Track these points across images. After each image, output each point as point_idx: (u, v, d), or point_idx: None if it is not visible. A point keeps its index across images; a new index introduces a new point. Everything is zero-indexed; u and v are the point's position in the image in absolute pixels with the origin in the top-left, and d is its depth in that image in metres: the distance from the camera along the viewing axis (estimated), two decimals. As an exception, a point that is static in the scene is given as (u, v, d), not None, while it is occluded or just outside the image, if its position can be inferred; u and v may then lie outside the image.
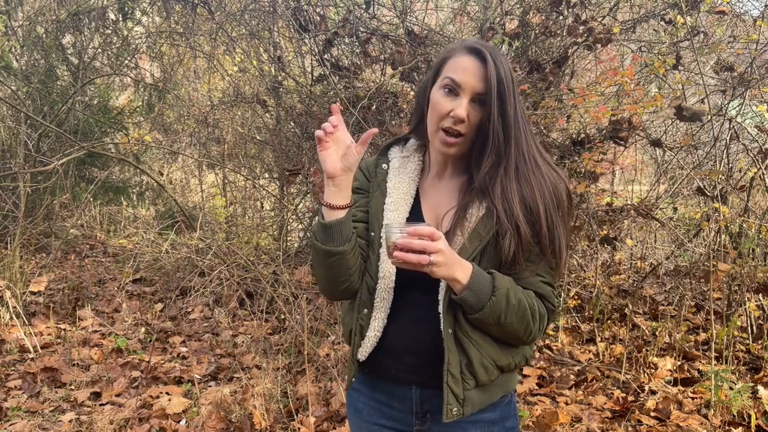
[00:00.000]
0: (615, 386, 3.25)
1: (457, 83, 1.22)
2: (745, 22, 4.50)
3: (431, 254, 1.09)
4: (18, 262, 4.52)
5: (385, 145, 1.42)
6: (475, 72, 1.22)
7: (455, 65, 1.24)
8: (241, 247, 4.72)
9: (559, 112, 3.76)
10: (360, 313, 1.31)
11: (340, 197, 1.21)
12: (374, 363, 1.33)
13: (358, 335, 1.32)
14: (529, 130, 1.27)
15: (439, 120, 1.24)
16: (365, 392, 1.40)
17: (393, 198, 1.32)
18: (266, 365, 3.41)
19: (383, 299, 1.29)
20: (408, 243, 1.09)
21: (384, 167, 1.37)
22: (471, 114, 1.23)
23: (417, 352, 1.29)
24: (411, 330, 1.29)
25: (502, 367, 1.27)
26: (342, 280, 1.28)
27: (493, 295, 1.17)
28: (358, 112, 3.70)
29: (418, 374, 1.30)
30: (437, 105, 1.25)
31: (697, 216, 3.96)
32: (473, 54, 1.23)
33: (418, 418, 1.33)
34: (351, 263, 1.26)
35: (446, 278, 1.16)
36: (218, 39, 5.23)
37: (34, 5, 6.43)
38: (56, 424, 2.90)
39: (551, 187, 1.24)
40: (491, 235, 1.22)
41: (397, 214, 1.31)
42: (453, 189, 1.32)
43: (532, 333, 1.25)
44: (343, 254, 1.23)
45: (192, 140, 6.67)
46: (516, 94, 1.24)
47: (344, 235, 1.23)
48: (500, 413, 1.33)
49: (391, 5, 4.43)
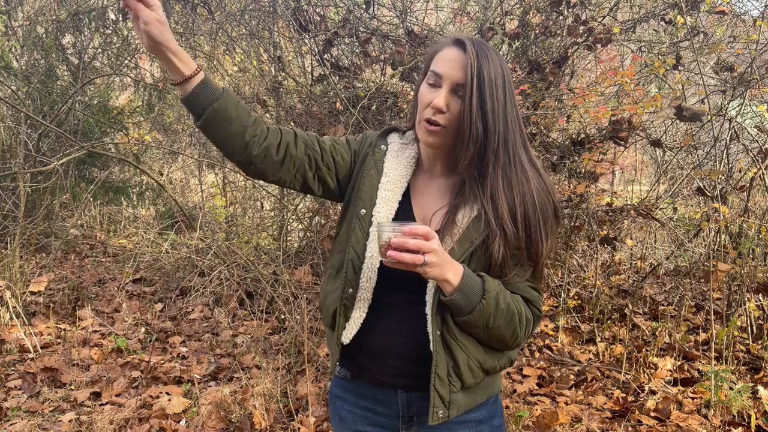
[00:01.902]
0: (615, 386, 3.25)
1: (438, 74, 1.22)
2: (745, 22, 4.50)
3: (426, 254, 1.08)
4: (18, 262, 4.52)
5: (385, 128, 1.41)
6: (456, 62, 1.21)
7: (439, 58, 1.24)
8: (241, 247, 4.72)
9: (559, 112, 3.76)
10: (345, 293, 1.28)
11: (175, 70, 1.13)
12: (358, 367, 1.32)
13: (343, 316, 1.29)
14: (522, 132, 1.25)
15: (422, 111, 1.24)
16: (349, 399, 1.37)
17: (389, 178, 1.31)
18: (266, 365, 3.41)
19: (369, 279, 1.27)
20: (403, 242, 1.07)
21: (383, 148, 1.36)
22: (451, 105, 1.21)
23: (402, 354, 1.27)
24: (395, 331, 1.27)
25: (488, 370, 1.27)
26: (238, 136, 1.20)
27: (483, 298, 1.16)
28: (358, 112, 3.70)
29: (403, 377, 1.28)
30: (421, 98, 1.25)
31: (697, 216, 3.96)
32: (456, 45, 1.23)
33: (404, 422, 1.32)
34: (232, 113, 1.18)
35: (438, 279, 1.14)
36: (218, 39, 5.23)
37: (34, 5, 6.43)
38: (56, 424, 2.90)
39: (534, 191, 1.22)
40: (481, 238, 1.21)
41: (391, 194, 1.29)
42: (445, 188, 1.31)
43: (518, 338, 1.24)
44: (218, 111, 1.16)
45: (192, 140, 6.67)
46: (506, 91, 1.22)
47: (213, 95, 1.16)
48: (487, 412, 1.33)
49: (391, 5, 4.43)
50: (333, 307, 1.32)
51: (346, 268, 1.29)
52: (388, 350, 1.28)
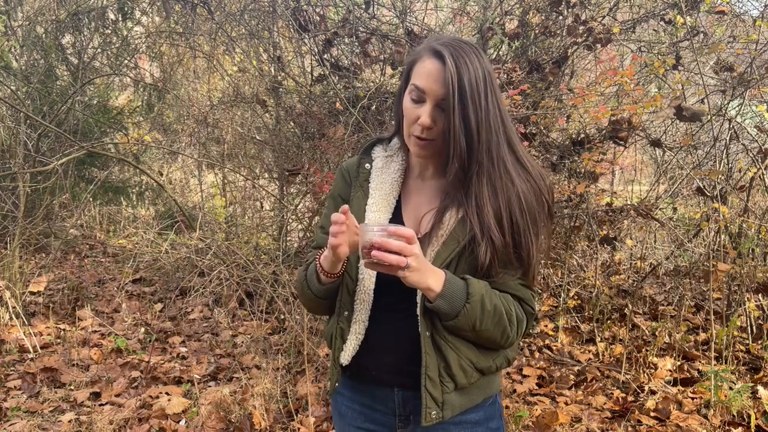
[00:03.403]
0: (615, 386, 3.25)
1: (421, 89, 1.20)
2: (745, 22, 4.51)
3: (407, 257, 1.08)
4: (17, 263, 4.51)
5: (368, 143, 1.40)
6: (437, 77, 1.18)
7: (420, 70, 1.21)
8: (241, 247, 4.71)
9: (558, 112, 3.76)
10: (340, 317, 1.30)
11: (338, 266, 1.25)
12: (356, 366, 1.32)
13: (339, 339, 1.31)
14: (506, 129, 1.23)
15: (409, 127, 1.24)
16: (348, 396, 1.39)
17: (374, 199, 1.31)
18: (266, 365, 3.41)
19: (363, 301, 1.28)
20: (386, 243, 1.07)
21: (367, 167, 1.35)
22: (437, 119, 1.20)
23: (397, 353, 1.28)
24: (390, 331, 1.28)
25: (482, 370, 1.27)
26: (328, 309, 1.36)
27: (467, 303, 1.16)
28: (357, 112, 3.70)
29: (399, 375, 1.29)
30: (407, 112, 1.24)
31: (697, 216, 3.96)
32: (435, 57, 1.19)
33: (401, 420, 1.32)
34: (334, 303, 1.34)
35: (418, 286, 1.14)
36: (218, 39, 5.23)
37: (33, 5, 6.43)
38: (56, 425, 2.90)
39: (521, 193, 1.21)
40: (468, 239, 1.21)
41: (378, 215, 1.30)
42: (436, 190, 1.31)
43: (509, 338, 1.24)
44: (334, 299, 1.32)
45: (191, 140, 6.67)
46: (489, 96, 1.19)
47: (333, 291, 1.31)
48: (484, 414, 1.32)
49: (390, 5, 4.43)
50: (330, 330, 1.35)
51: (341, 292, 1.31)
52: (383, 349, 1.29)
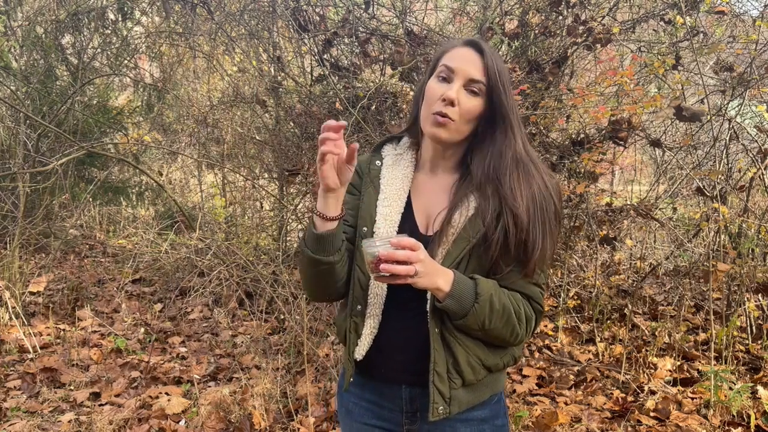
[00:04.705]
0: (614, 386, 3.25)
1: (451, 69, 1.24)
2: (745, 22, 4.51)
3: (414, 264, 1.11)
4: (17, 263, 4.51)
5: (378, 142, 1.43)
6: (471, 60, 1.24)
7: (452, 55, 1.27)
8: (241, 248, 4.71)
9: (558, 112, 3.75)
10: (354, 311, 1.31)
11: (334, 208, 1.20)
12: (365, 362, 1.33)
13: (354, 333, 1.31)
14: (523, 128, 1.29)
15: (431, 105, 1.25)
16: (356, 392, 1.40)
17: (386, 194, 1.32)
18: (266, 365, 3.41)
19: (377, 295, 1.29)
20: (392, 254, 1.09)
21: (377, 164, 1.37)
22: (462, 99, 1.23)
23: (407, 351, 1.29)
24: (401, 328, 1.29)
25: (490, 367, 1.28)
26: (329, 287, 1.29)
27: (476, 302, 1.18)
28: (357, 112, 3.69)
29: (407, 372, 1.30)
30: (430, 92, 1.26)
31: (697, 216, 3.96)
32: (470, 45, 1.27)
33: (407, 417, 1.33)
34: (339, 273, 1.27)
35: (428, 288, 1.17)
36: (218, 39, 5.23)
37: (33, 5, 6.43)
38: (55, 425, 2.90)
39: (539, 187, 1.24)
40: (479, 236, 1.22)
41: (389, 210, 1.31)
42: (445, 186, 1.32)
43: (518, 336, 1.25)
44: (333, 264, 1.24)
45: (191, 140, 6.66)
46: (511, 92, 1.26)
47: (335, 245, 1.23)
48: (490, 411, 1.34)
49: (390, 5, 4.43)
50: (344, 325, 1.34)
51: (353, 286, 1.31)
52: (394, 346, 1.30)
